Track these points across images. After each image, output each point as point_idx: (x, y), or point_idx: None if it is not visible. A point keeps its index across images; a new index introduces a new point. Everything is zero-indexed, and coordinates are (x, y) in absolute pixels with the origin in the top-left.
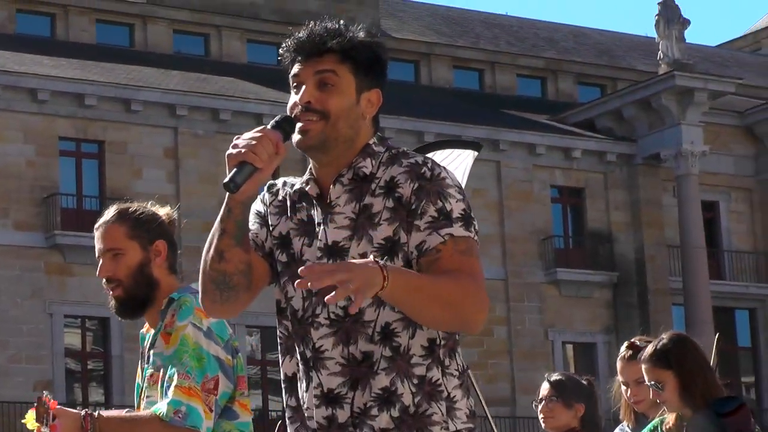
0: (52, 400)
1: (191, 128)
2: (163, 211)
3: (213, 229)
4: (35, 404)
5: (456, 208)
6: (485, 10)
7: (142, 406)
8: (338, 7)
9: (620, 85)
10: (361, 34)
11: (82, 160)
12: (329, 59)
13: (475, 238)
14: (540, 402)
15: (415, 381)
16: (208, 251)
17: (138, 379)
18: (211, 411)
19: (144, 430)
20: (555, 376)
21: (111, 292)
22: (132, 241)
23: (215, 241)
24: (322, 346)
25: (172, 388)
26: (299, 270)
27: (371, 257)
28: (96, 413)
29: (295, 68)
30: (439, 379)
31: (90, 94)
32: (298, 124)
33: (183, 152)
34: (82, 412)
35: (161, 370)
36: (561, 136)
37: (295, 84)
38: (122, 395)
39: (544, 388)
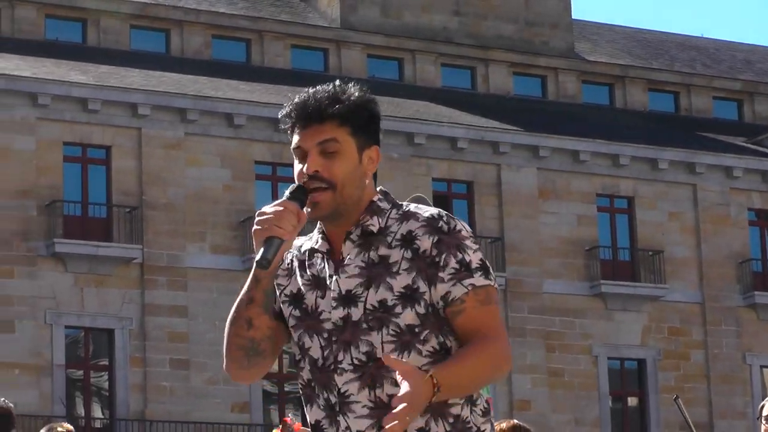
0: (296, 423)
1: (386, 152)
2: None
3: (239, 298)
4: (279, 426)
5: (474, 258)
6: (680, 32)
7: None
8: (532, 30)
9: None
10: (356, 94)
11: (277, 184)
12: (329, 126)
13: (494, 285)
14: (764, 421)
15: (451, 420)
16: (234, 321)
17: None
18: None
19: None
20: None
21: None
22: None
23: (243, 310)
24: (347, 391)
25: None
26: (386, 427)
27: (418, 367)
28: None
29: (296, 138)
30: (468, 416)
31: None
32: (310, 196)
33: (378, 175)
34: None
35: None
36: (759, 158)
37: (296, 153)
38: None
39: None
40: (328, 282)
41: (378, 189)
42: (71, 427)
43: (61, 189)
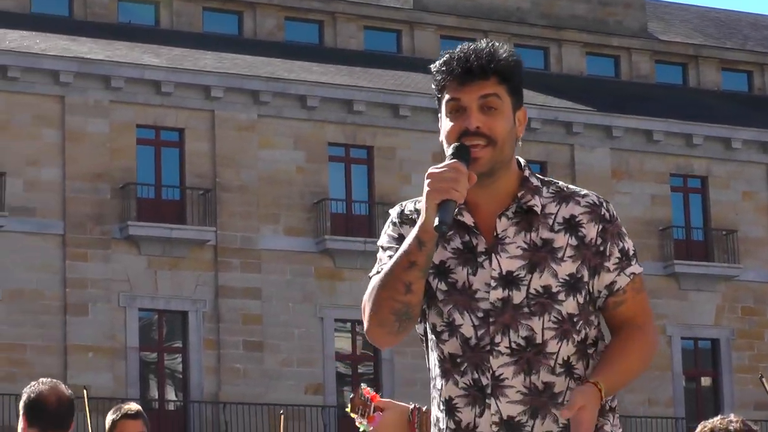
0: (372, 393)
1: None
2: None
3: (394, 260)
4: (352, 397)
5: (629, 246)
6: (754, 11)
7: None
8: (605, 10)
9: None
10: (512, 54)
11: (351, 166)
12: (492, 82)
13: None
14: None
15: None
16: (386, 285)
17: None
18: None
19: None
20: None
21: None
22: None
23: (402, 273)
24: (502, 374)
25: None
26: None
27: (589, 386)
28: (424, 408)
29: (453, 92)
30: (611, 430)
31: (359, 100)
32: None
33: None
34: (411, 405)
35: None
36: None
37: (452, 108)
38: (392, 398)
39: None
40: (479, 259)
41: (522, 161)
42: (139, 407)
43: (135, 172)
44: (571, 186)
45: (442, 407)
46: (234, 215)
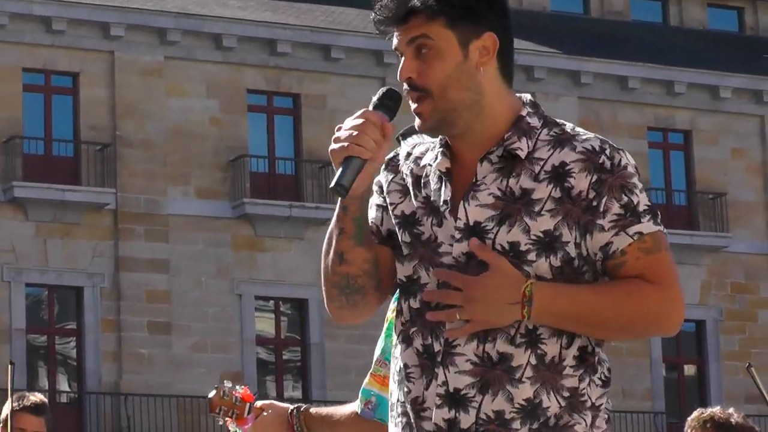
0: (243, 391)
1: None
2: None
3: (329, 229)
4: (212, 393)
5: (642, 200)
6: None
7: None
8: None
9: None
10: None
11: (274, 117)
12: (415, 21)
13: (663, 230)
14: None
15: (566, 394)
16: (327, 254)
17: None
18: None
19: (342, 429)
20: None
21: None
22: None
23: (334, 242)
24: (455, 340)
25: (367, 375)
26: (424, 295)
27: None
28: (308, 408)
29: (394, 40)
30: (585, 389)
31: (283, 39)
32: (412, 106)
33: None
34: (290, 408)
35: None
36: None
37: (398, 56)
38: (323, 389)
39: None
40: (443, 208)
41: (527, 98)
42: (45, 401)
43: (21, 124)
44: (579, 129)
45: (396, 377)
46: (136, 174)
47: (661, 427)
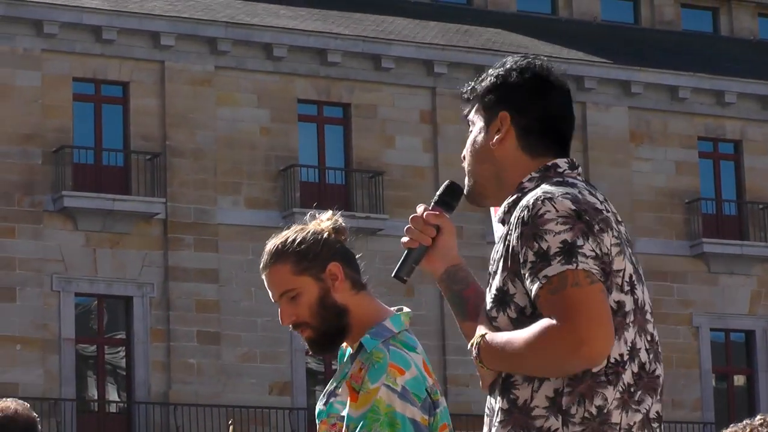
0: None
1: (452, 88)
2: (325, 224)
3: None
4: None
5: (553, 243)
6: None
7: None
8: None
9: None
10: (506, 66)
11: (324, 127)
12: (467, 110)
13: (579, 266)
14: None
15: None
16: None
17: (320, 404)
18: None
19: None
20: None
21: (302, 335)
22: (302, 277)
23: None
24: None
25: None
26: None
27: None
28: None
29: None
30: (558, 429)
31: (333, 49)
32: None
33: (442, 116)
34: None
35: (345, 428)
36: None
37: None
38: None
39: None
40: None
41: (554, 162)
42: (25, 408)
43: (71, 133)
44: (541, 188)
45: None
46: (186, 184)
47: None
